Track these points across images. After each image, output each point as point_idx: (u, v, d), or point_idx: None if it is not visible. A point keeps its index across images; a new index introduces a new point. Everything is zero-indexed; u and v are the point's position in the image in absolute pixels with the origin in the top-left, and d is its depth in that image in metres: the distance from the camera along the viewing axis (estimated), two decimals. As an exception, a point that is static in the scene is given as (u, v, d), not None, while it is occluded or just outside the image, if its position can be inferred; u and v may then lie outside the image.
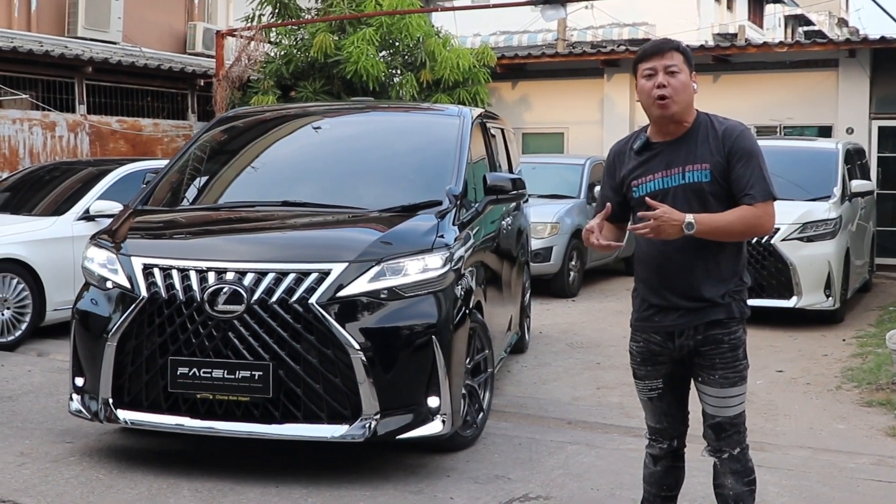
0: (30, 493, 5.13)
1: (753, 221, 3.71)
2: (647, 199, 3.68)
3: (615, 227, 3.97)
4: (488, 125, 7.97)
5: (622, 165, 3.93)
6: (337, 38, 15.25)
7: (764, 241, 10.30)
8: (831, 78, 16.21)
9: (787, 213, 10.34)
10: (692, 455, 4.18)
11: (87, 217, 9.58)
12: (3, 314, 8.88)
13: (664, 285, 3.83)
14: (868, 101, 15.94)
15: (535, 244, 11.77)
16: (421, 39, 15.73)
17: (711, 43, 19.16)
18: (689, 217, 3.61)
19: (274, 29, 16.17)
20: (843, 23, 46.14)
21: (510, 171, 8.55)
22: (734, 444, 3.88)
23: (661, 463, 4.09)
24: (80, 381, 5.67)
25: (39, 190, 10.33)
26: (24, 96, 13.92)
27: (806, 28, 40.23)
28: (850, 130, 15.76)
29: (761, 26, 36.80)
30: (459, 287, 5.80)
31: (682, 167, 3.77)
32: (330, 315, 5.24)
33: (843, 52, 16.00)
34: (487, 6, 16.30)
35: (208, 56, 17.49)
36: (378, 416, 5.25)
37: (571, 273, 13.05)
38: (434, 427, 5.40)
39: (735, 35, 26.90)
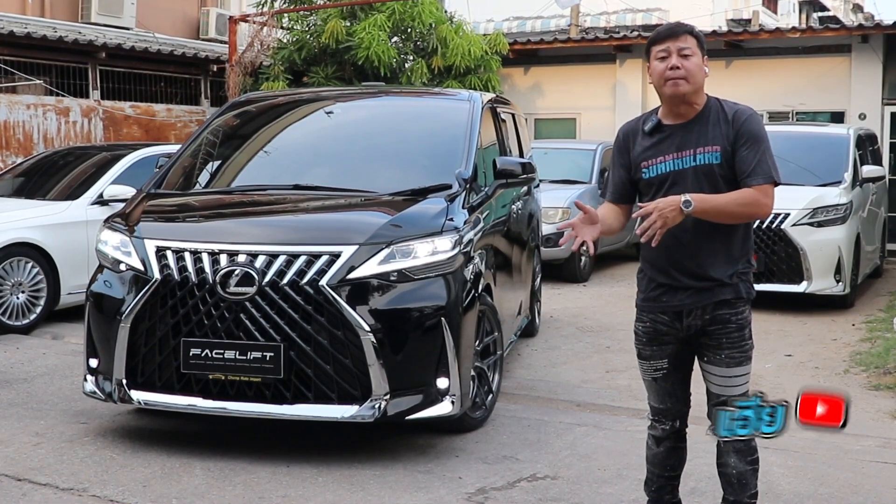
0: (45, 472, 5.21)
1: (751, 203, 3.73)
2: (639, 207, 3.73)
3: (619, 210, 4.01)
4: (499, 110, 7.99)
5: (633, 146, 3.97)
6: (349, 24, 15.28)
7: (774, 225, 10.31)
8: (844, 64, 16.15)
9: (798, 199, 10.35)
10: (698, 436, 4.22)
11: (101, 201, 9.63)
12: (17, 298, 8.95)
13: (672, 265, 3.87)
14: (881, 86, 15.88)
15: (547, 229, 11.77)
16: (433, 26, 15.72)
17: (725, 28, 19.08)
18: (685, 196, 3.65)
19: (286, 14, 16.20)
20: (858, 8, 45.91)
21: (521, 155, 8.57)
22: (738, 424, 3.92)
23: (663, 444, 4.12)
24: (94, 363, 5.74)
25: (53, 175, 10.40)
26: (38, 82, 14.01)
27: (821, 14, 40.07)
28: (862, 116, 15.71)
29: (776, 12, 36.69)
30: (469, 270, 5.84)
31: (693, 149, 3.82)
32: (340, 297, 5.29)
33: (856, 38, 15.94)
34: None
35: (221, 42, 17.57)
36: (388, 397, 5.31)
37: (582, 258, 13.06)
38: (443, 408, 5.46)
39: (749, 21, 26.85)
